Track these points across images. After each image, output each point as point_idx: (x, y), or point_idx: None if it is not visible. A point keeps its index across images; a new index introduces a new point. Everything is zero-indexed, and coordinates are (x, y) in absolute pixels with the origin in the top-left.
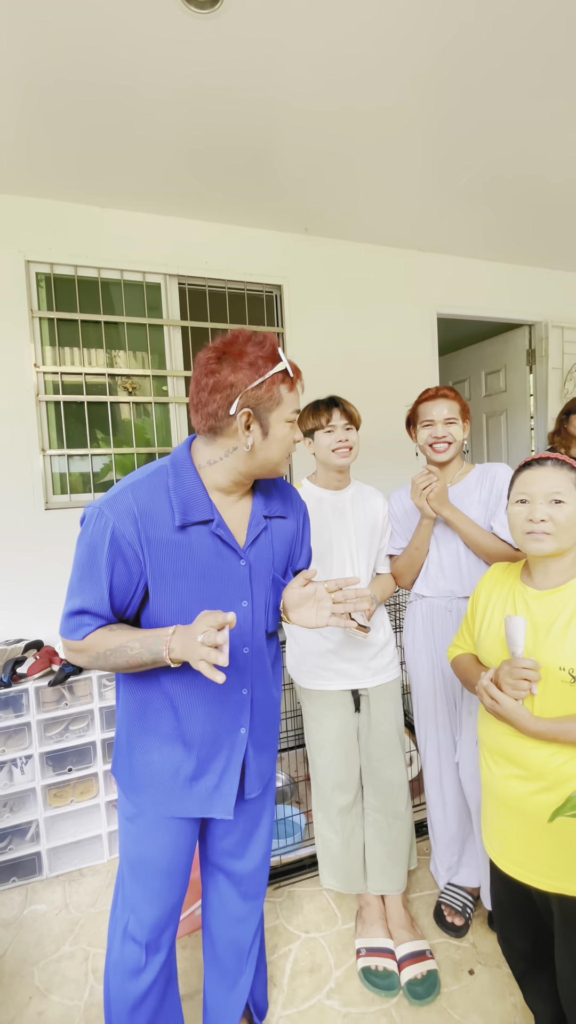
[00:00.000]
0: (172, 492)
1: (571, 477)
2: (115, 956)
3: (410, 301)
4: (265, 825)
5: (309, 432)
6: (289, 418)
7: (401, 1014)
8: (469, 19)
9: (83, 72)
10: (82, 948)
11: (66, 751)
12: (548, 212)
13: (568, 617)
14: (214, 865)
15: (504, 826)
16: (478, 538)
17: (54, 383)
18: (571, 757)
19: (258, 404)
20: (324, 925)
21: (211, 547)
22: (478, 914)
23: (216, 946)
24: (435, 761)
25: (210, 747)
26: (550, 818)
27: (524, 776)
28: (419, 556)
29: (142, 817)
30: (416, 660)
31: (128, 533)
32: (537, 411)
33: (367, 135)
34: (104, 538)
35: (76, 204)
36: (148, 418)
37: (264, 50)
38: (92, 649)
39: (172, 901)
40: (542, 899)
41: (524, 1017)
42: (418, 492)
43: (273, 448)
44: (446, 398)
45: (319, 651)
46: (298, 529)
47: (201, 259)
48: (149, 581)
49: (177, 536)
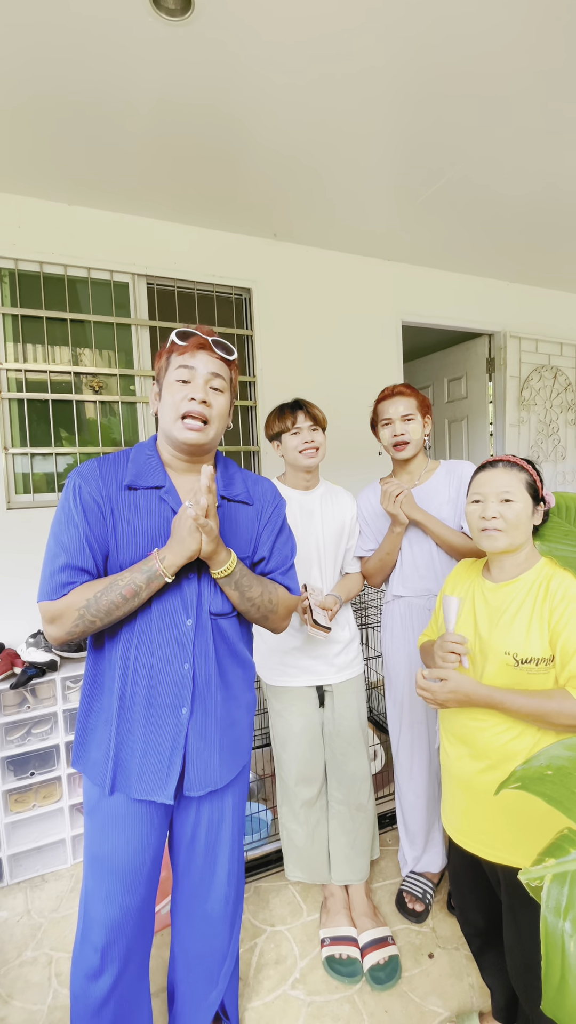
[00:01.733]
0: (131, 461)
1: (521, 478)
2: (75, 957)
3: (376, 308)
4: (230, 831)
5: (276, 435)
6: (176, 376)
7: (364, 999)
8: (438, 36)
9: (53, 72)
10: (45, 953)
11: (28, 755)
12: (507, 226)
13: (516, 607)
14: (180, 871)
15: (458, 802)
16: (449, 538)
17: (17, 380)
18: (515, 736)
19: (159, 376)
20: (290, 918)
21: (160, 512)
22: (437, 899)
23: (187, 950)
24: (407, 755)
25: (148, 722)
26: (495, 791)
27: (473, 755)
28: (390, 560)
29: (101, 811)
30: (394, 657)
31: (92, 489)
32: (496, 417)
33: (335, 144)
34: (74, 495)
35: (42, 200)
36: (115, 418)
37: (234, 59)
38: (77, 602)
39: (132, 903)
40: (492, 871)
41: (481, 995)
42: (390, 499)
43: (166, 412)
44: (402, 395)
45: (284, 648)
46: (261, 521)
47: (170, 260)
48: (115, 535)
49: (131, 496)
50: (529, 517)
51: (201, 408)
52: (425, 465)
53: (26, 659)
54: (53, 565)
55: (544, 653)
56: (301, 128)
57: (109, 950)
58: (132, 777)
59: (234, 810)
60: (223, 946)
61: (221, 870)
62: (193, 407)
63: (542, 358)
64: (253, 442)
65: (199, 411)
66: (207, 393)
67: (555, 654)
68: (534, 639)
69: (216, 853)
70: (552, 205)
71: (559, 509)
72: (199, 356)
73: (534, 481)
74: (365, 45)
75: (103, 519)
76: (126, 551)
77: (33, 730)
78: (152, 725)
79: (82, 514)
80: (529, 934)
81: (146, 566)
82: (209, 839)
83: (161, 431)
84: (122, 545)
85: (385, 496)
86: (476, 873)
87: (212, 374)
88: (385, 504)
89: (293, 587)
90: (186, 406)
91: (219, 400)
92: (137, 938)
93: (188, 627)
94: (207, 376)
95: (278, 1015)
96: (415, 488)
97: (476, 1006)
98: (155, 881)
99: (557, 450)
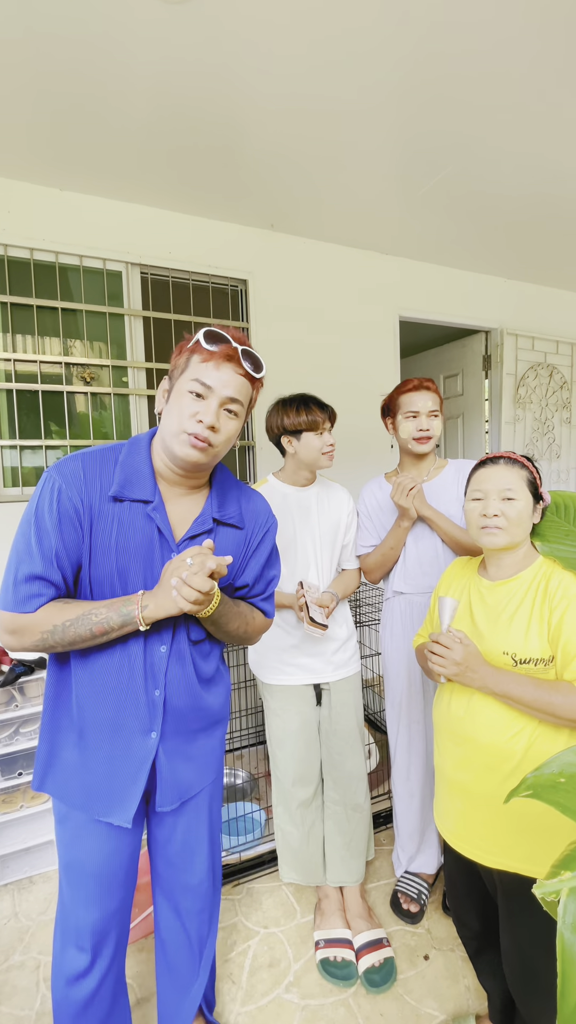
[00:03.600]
0: (119, 465)
1: (522, 475)
2: (56, 962)
3: (374, 302)
4: (207, 836)
5: (296, 431)
6: (192, 388)
7: (359, 1003)
8: (439, 30)
9: (47, 52)
10: (33, 957)
11: (16, 755)
12: (504, 222)
13: (515, 607)
14: (160, 875)
15: (454, 806)
16: (457, 536)
17: (6, 371)
18: (513, 735)
19: (174, 370)
20: (283, 920)
21: (145, 530)
22: (432, 900)
23: (168, 953)
24: (405, 754)
25: (114, 746)
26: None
27: (470, 756)
28: (393, 555)
29: (70, 820)
30: (394, 655)
31: (73, 496)
32: (492, 415)
33: (334, 133)
34: (51, 500)
35: (33, 184)
36: (106, 411)
37: (233, 43)
38: (43, 624)
39: (111, 906)
40: (488, 876)
41: (477, 997)
42: (403, 493)
43: (170, 420)
44: (428, 390)
45: (282, 646)
46: (249, 547)
47: (165, 249)
48: (90, 549)
49: (115, 508)
50: (530, 515)
51: (207, 433)
52: (434, 462)
53: (14, 657)
54: (19, 572)
55: (543, 653)
56: (299, 116)
57: (94, 951)
58: (93, 798)
59: (210, 813)
60: (201, 945)
61: (198, 873)
62: (199, 430)
63: (538, 356)
64: (248, 437)
65: (205, 435)
66: (219, 417)
67: (555, 654)
68: (533, 639)
69: (193, 858)
70: (551, 202)
71: (559, 508)
72: (223, 370)
73: (534, 478)
74: (365, 31)
75: (80, 530)
76: (100, 567)
77: (21, 729)
78: (118, 749)
79: (57, 523)
80: (528, 940)
81: (124, 608)
82: (186, 844)
83: (161, 435)
84: (96, 560)
85: (398, 489)
86: (471, 876)
87: (230, 398)
88: (396, 497)
89: (270, 611)
90: (192, 427)
91: (230, 425)
92: (118, 939)
93: (162, 653)
94: (224, 399)
95: (272, 1019)
96: (424, 484)
97: (472, 1009)
98: (132, 882)
99: (552, 448)
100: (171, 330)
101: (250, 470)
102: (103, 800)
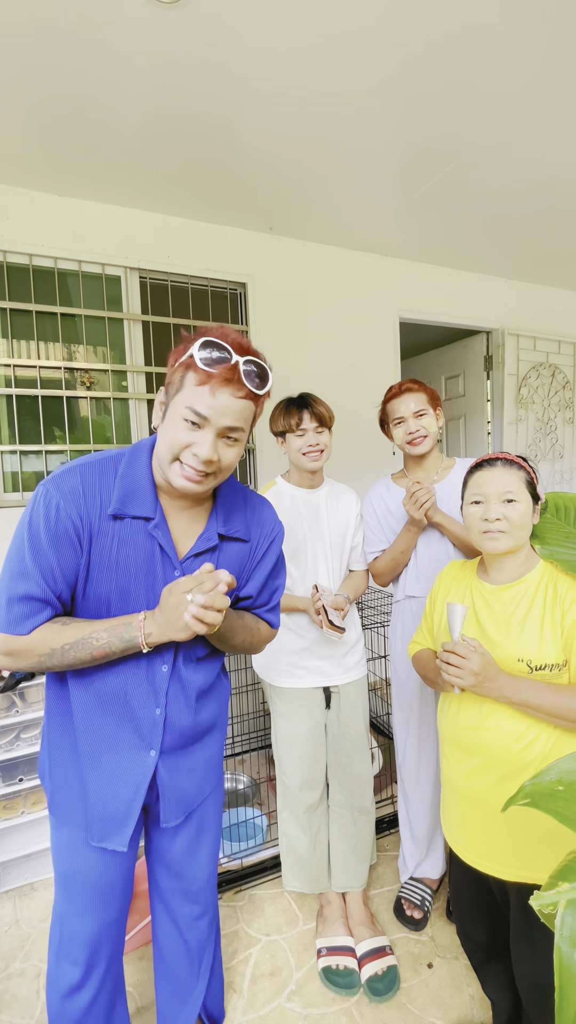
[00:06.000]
0: (119, 479)
1: (521, 476)
2: (51, 975)
3: (374, 304)
4: (208, 843)
5: (280, 433)
6: (185, 415)
7: (361, 1012)
8: (439, 30)
9: (43, 58)
10: (34, 964)
11: (16, 760)
12: (504, 222)
13: (525, 611)
14: (159, 883)
15: (466, 819)
16: (468, 539)
17: (6, 376)
18: (527, 744)
19: (169, 385)
20: (285, 927)
21: (147, 548)
22: (436, 906)
23: (166, 960)
24: (415, 758)
25: (112, 764)
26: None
27: (483, 766)
28: (404, 559)
29: (67, 828)
30: (403, 659)
31: (72, 513)
32: (494, 416)
33: (332, 136)
34: (48, 516)
35: (31, 191)
36: (107, 415)
37: (228, 45)
38: (40, 647)
39: (107, 917)
40: (500, 888)
41: (481, 1007)
42: (416, 504)
43: (164, 444)
44: (411, 391)
45: (293, 649)
46: (253, 558)
47: (163, 253)
48: (88, 567)
49: (115, 526)
50: (531, 517)
51: (203, 467)
52: (441, 462)
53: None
54: (12, 591)
55: (558, 658)
56: (297, 118)
57: (90, 963)
58: (89, 821)
59: (209, 823)
60: (201, 955)
61: (200, 873)
62: (195, 464)
63: (540, 356)
64: (248, 440)
65: (200, 470)
66: (216, 448)
67: (568, 658)
68: (548, 644)
69: (193, 869)
70: (552, 202)
71: (558, 510)
72: (220, 397)
73: (532, 479)
74: (364, 32)
75: (78, 549)
76: (99, 584)
77: (22, 735)
78: (117, 767)
79: (54, 541)
80: (545, 952)
81: (126, 633)
82: (186, 854)
83: (157, 455)
84: (95, 578)
85: (410, 499)
86: (479, 887)
87: (228, 428)
88: (408, 507)
89: (275, 621)
90: (187, 459)
91: (229, 453)
92: (114, 950)
93: (163, 672)
94: (222, 429)
95: None
96: (435, 486)
97: (477, 1018)
98: (128, 893)
99: (555, 449)
100: (170, 334)
101: (250, 473)
102: (98, 824)
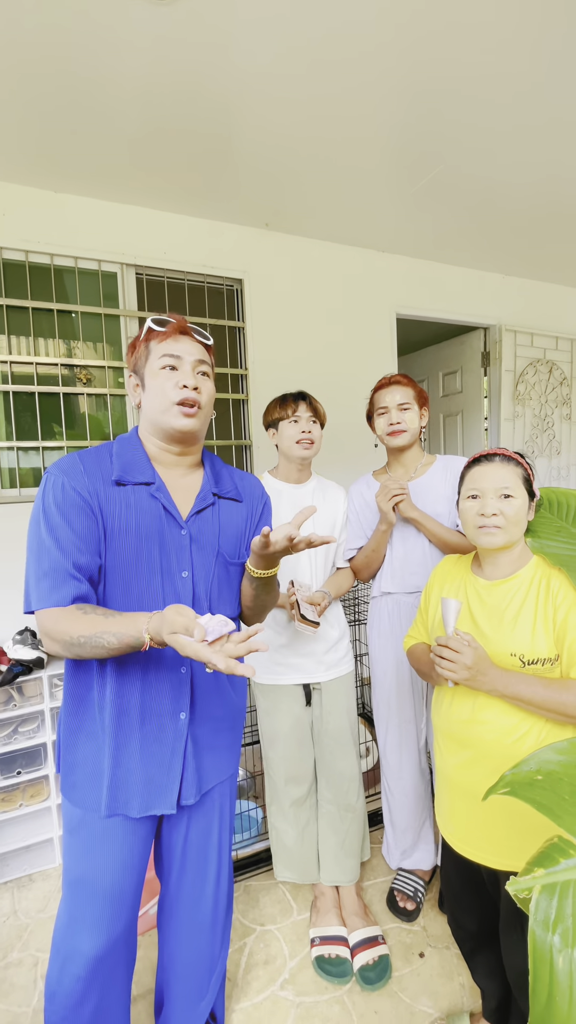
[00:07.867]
0: (115, 456)
1: (518, 472)
2: (52, 985)
3: (370, 300)
4: (217, 839)
5: (274, 423)
6: (162, 364)
7: (353, 1000)
8: (437, 25)
9: (38, 54)
10: (31, 954)
11: (14, 753)
12: (502, 218)
13: (518, 606)
14: (171, 890)
15: (458, 809)
16: (445, 536)
17: (3, 373)
18: (521, 736)
19: (136, 366)
20: (280, 917)
21: (153, 510)
22: (429, 898)
23: (178, 966)
24: (396, 754)
25: (145, 733)
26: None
27: (476, 759)
28: (377, 557)
29: (84, 828)
30: (382, 655)
31: (79, 485)
32: (491, 412)
33: (329, 131)
34: (56, 494)
35: (27, 187)
36: (104, 411)
37: (223, 42)
38: (64, 632)
39: (117, 929)
40: (491, 878)
41: (471, 996)
42: (387, 497)
43: (154, 401)
44: (399, 384)
45: (273, 646)
46: (252, 517)
47: (160, 249)
48: (105, 533)
49: (120, 493)
50: (526, 513)
51: (193, 395)
52: (421, 459)
53: (12, 656)
54: (38, 569)
55: (550, 653)
56: (293, 114)
57: (94, 979)
58: (131, 795)
59: (221, 814)
60: (214, 954)
61: (211, 877)
62: (187, 394)
63: (537, 352)
64: (245, 436)
65: (192, 398)
66: (196, 379)
67: (560, 652)
68: (540, 639)
69: (206, 860)
70: (549, 197)
71: (554, 505)
72: (183, 342)
73: (528, 475)
74: (360, 27)
75: (92, 516)
76: (119, 553)
77: (20, 728)
78: (149, 736)
79: (67, 512)
80: None
81: (134, 641)
82: (199, 846)
83: (148, 422)
84: (112, 546)
85: (383, 491)
86: (470, 877)
87: (198, 360)
88: (380, 499)
89: (281, 582)
90: (179, 394)
91: (207, 385)
92: (122, 965)
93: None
94: (194, 362)
95: (267, 1016)
96: (410, 482)
97: (467, 1006)
98: (137, 904)
99: (552, 445)
100: None
101: (247, 469)
102: (139, 795)
